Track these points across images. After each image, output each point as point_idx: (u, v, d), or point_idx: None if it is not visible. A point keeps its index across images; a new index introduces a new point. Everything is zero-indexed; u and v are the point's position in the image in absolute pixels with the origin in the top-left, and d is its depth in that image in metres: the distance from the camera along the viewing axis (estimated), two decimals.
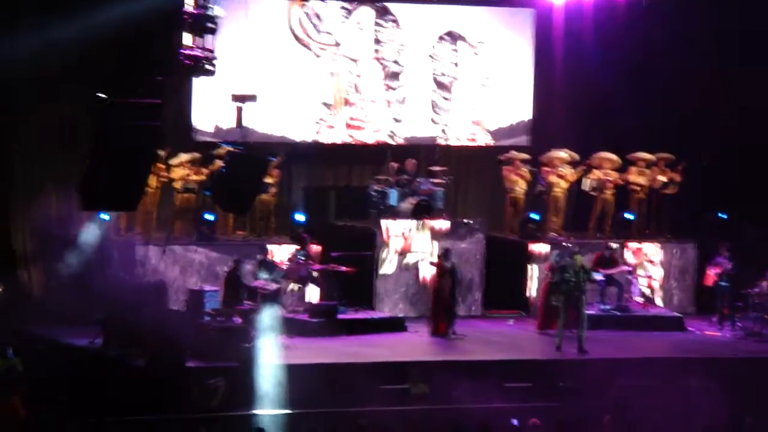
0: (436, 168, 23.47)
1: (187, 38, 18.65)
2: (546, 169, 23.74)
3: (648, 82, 24.07)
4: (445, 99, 24.31)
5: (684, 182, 23.98)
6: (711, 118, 23.70)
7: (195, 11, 18.36)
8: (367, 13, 23.79)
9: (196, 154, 21.55)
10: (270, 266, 20.68)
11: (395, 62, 23.97)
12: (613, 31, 24.07)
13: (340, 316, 20.94)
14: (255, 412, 17.49)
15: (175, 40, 18.61)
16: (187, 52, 18.60)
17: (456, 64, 24.34)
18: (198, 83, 21.68)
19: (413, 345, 20.62)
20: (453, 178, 23.79)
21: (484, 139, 24.54)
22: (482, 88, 24.48)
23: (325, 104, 23.44)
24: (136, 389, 17.04)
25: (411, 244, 22.43)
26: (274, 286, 20.27)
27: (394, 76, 24.01)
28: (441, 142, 24.28)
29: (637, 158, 24.04)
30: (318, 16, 23.36)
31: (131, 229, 21.48)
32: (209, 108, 22.25)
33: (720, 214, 24.02)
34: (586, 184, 23.83)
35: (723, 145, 23.83)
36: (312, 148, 23.50)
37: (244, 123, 20.57)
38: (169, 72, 17.92)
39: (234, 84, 21.31)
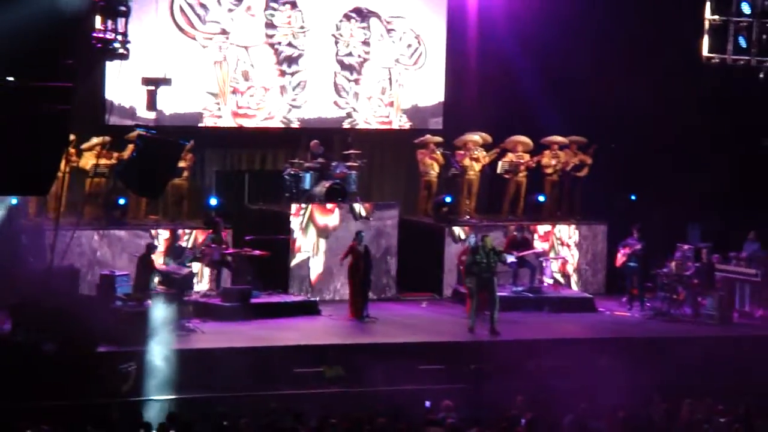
0: (351, 152, 23.49)
1: (98, 21, 18.45)
2: (460, 152, 23.89)
3: (560, 66, 24.24)
4: (352, 81, 24.13)
5: (595, 165, 24.25)
6: (622, 101, 23.93)
7: None
8: None
9: (108, 138, 21.34)
10: (181, 250, 20.60)
11: (290, 45, 23.60)
12: (527, 14, 24.20)
13: (254, 300, 20.91)
14: (166, 397, 17.43)
15: (86, 23, 18.39)
16: (99, 35, 18.42)
17: (367, 43, 24.21)
18: (111, 66, 21.41)
19: (327, 328, 20.66)
20: (367, 161, 23.84)
21: (399, 122, 24.58)
22: (397, 68, 24.43)
23: (211, 94, 23.06)
24: (46, 374, 16.90)
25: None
26: (185, 271, 20.19)
27: (291, 60, 23.62)
28: (347, 125, 24.18)
29: (551, 141, 24.29)
30: (203, 6, 22.85)
31: (41, 214, 21.26)
32: (123, 92, 22.01)
33: (630, 196, 24.32)
34: (501, 166, 24.01)
35: (634, 128, 24.10)
36: (225, 132, 23.41)
37: (159, 107, 20.41)
38: (81, 55, 17.72)
39: (148, 67, 21.10)
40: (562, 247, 23.74)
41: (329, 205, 22.39)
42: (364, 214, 22.53)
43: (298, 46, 23.68)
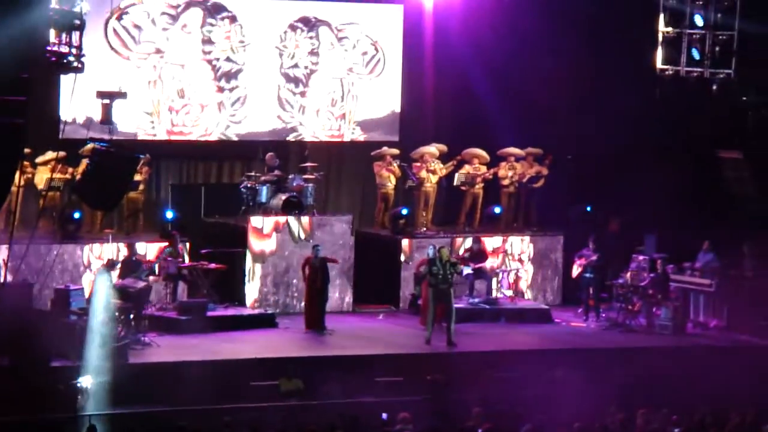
0: (307, 164, 23.48)
1: (53, 35, 18.34)
2: (417, 164, 23.94)
3: (515, 77, 24.34)
4: (298, 93, 23.94)
5: (551, 176, 24.38)
6: (577, 112, 24.08)
7: (61, 7, 18.07)
8: (194, 14, 23.10)
9: (62, 153, 21.24)
10: (137, 264, 20.52)
11: (229, 60, 23.39)
12: (482, 26, 24.29)
13: (210, 313, 20.86)
14: (118, 411, 17.34)
15: (41, 36, 18.28)
16: (54, 48, 18.31)
17: (315, 53, 24.04)
18: (66, 80, 21.29)
19: (284, 341, 20.63)
20: (324, 174, 23.84)
21: (352, 134, 24.56)
22: (350, 78, 24.36)
23: (146, 113, 22.86)
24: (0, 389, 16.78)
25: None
26: (141, 284, 20.10)
27: (230, 75, 23.40)
28: (291, 138, 23.98)
29: (507, 153, 24.40)
30: (137, 26, 22.60)
31: None
32: (77, 105, 21.87)
33: (586, 207, 24.45)
34: (457, 178, 24.08)
35: (589, 139, 24.23)
36: (180, 145, 23.35)
37: (114, 120, 20.32)
38: (35, 69, 17.61)
39: (102, 81, 21.00)
40: (517, 257, 23.75)
41: (266, 230, 22.18)
42: (303, 236, 22.36)
43: (237, 60, 23.47)
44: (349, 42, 24.36)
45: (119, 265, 20.42)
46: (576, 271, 22.74)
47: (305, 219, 22.35)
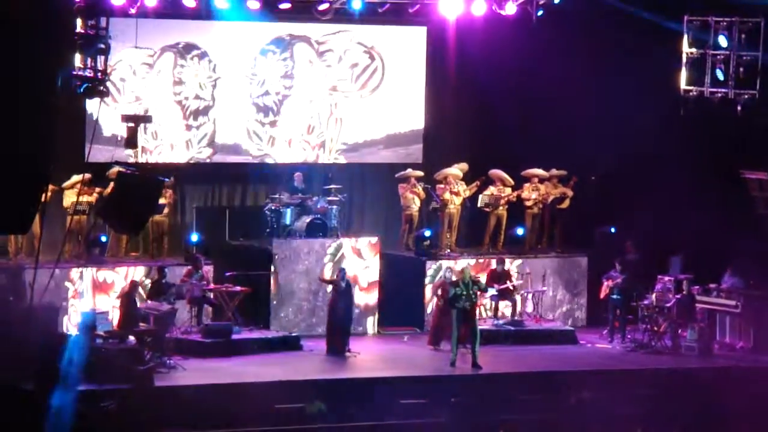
0: (331, 186, 23.52)
1: (78, 59, 18.46)
2: (441, 186, 23.95)
3: (539, 98, 24.30)
4: (267, 124, 23.67)
5: (576, 197, 24.35)
6: (602, 133, 24.03)
7: (86, 32, 18.19)
8: (167, 59, 23.08)
9: (87, 175, 21.33)
10: (166, 287, 20.58)
11: (198, 98, 23.24)
12: (504, 48, 24.26)
13: (235, 337, 20.88)
14: None
15: (66, 61, 18.38)
16: (79, 73, 18.42)
17: (288, 76, 23.69)
18: (91, 104, 21.43)
19: (309, 364, 20.61)
20: (347, 195, 23.85)
21: (335, 161, 24.19)
22: (332, 99, 23.97)
23: (128, 154, 22.40)
24: (24, 413, 16.79)
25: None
26: (166, 307, 20.15)
27: (198, 113, 23.27)
28: (251, 159, 23.69)
29: (531, 175, 24.39)
30: (122, 79, 22.58)
31: (19, 252, 21.25)
32: (103, 128, 22.04)
33: (610, 228, 24.39)
34: (481, 200, 24.08)
35: (612, 161, 24.20)
36: (205, 168, 23.43)
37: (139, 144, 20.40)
38: (61, 93, 17.70)
39: (128, 105, 21.12)
40: (542, 279, 23.68)
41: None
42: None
43: (204, 97, 23.40)
44: (334, 55, 24.20)
45: (149, 287, 20.48)
46: (604, 292, 22.69)
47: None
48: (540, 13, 23.59)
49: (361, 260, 22.58)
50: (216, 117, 23.46)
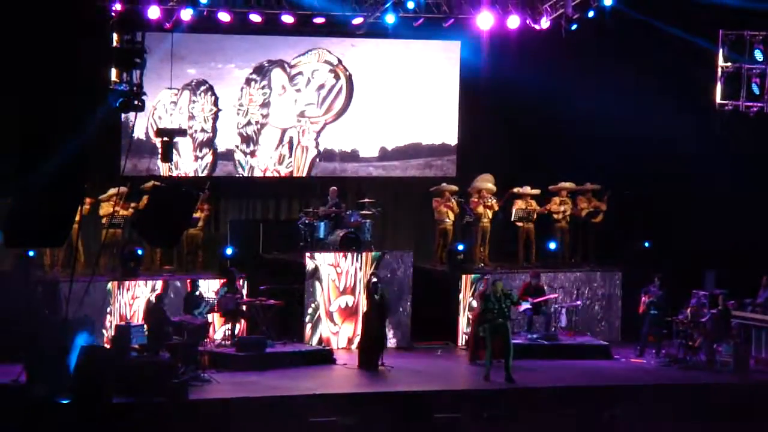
0: (365, 200, 23.55)
1: (114, 74, 18.57)
2: (474, 200, 23.96)
3: (572, 112, 24.26)
4: (248, 154, 23.81)
5: (609, 211, 24.29)
6: (636, 148, 23.98)
7: (122, 46, 18.29)
8: (185, 96, 23.43)
9: (123, 188, 21.47)
10: (199, 300, 20.65)
11: (203, 131, 23.54)
12: (539, 61, 24.24)
13: (269, 350, 20.92)
14: None
15: (102, 75, 18.52)
16: (115, 87, 18.53)
17: (266, 104, 23.79)
18: (127, 118, 21.56)
19: (342, 377, 20.63)
20: (381, 210, 23.87)
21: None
22: (300, 127, 24.07)
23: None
24: (61, 427, 16.89)
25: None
26: (200, 320, 20.22)
27: (203, 144, 23.56)
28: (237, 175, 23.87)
29: (559, 188, 24.38)
30: (160, 117, 22.99)
31: (55, 265, 21.37)
32: (138, 142, 22.17)
33: (645, 243, 24.31)
34: (515, 214, 24.08)
35: (646, 175, 24.13)
36: (239, 182, 23.52)
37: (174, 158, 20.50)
38: (97, 107, 17.85)
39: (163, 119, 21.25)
40: (575, 293, 23.62)
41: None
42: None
43: (207, 129, 23.64)
44: (302, 78, 24.25)
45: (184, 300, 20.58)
46: (642, 307, 22.59)
47: None
48: (574, 27, 23.55)
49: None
50: (216, 148, 23.72)
